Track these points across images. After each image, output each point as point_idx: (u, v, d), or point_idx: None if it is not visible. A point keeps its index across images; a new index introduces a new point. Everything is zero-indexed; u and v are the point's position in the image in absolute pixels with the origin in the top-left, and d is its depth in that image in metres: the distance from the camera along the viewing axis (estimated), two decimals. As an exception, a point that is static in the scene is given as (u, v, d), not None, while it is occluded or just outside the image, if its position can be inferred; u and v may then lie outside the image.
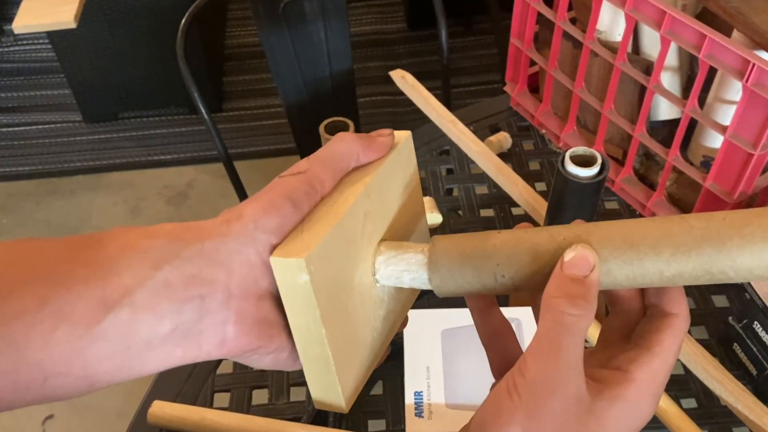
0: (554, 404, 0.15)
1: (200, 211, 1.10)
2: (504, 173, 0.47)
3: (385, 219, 0.20)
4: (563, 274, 0.16)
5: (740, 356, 0.38)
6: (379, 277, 0.19)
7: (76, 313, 0.15)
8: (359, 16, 1.41)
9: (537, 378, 0.15)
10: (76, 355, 0.15)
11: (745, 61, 0.35)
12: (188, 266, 0.16)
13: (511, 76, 0.54)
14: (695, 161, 0.44)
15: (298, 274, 0.16)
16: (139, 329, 0.16)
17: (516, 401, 0.15)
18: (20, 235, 1.08)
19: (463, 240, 0.18)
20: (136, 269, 0.16)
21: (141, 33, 1.10)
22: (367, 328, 0.19)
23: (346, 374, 0.18)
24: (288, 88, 0.70)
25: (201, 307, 0.16)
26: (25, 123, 1.25)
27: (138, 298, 0.15)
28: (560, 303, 0.16)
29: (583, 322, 0.15)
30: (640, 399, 0.16)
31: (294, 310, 0.17)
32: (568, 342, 0.15)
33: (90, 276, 0.15)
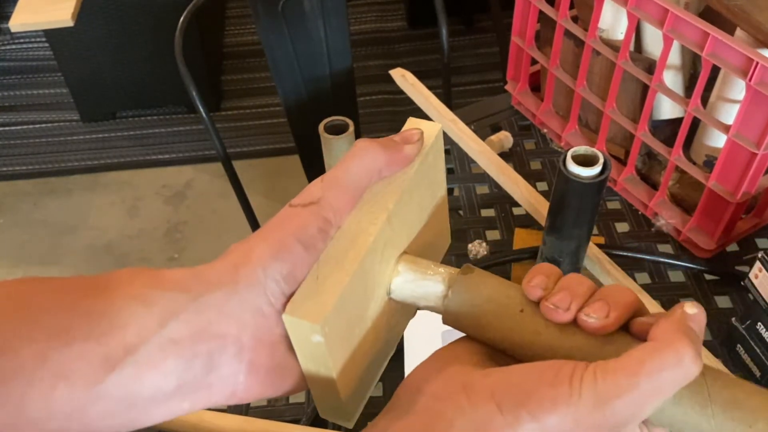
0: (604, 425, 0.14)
1: (199, 210, 1.10)
2: (505, 173, 0.47)
3: (407, 236, 0.18)
4: (685, 322, 0.15)
5: (743, 357, 0.38)
6: (395, 296, 0.18)
7: (77, 372, 0.14)
8: (359, 14, 1.40)
9: (610, 392, 0.14)
10: (77, 414, 0.14)
11: (748, 60, 0.34)
12: (196, 320, 0.15)
13: (512, 75, 0.54)
14: (698, 161, 0.44)
15: (312, 334, 0.16)
16: (142, 387, 0.15)
17: (574, 396, 0.14)
18: (17, 235, 1.07)
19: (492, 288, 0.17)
20: (140, 324, 0.15)
21: (139, 31, 1.09)
22: (373, 343, 0.18)
23: (355, 399, 0.18)
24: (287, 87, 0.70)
25: (210, 362, 0.15)
26: (21, 122, 1.24)
27: (142, 356, 0.15)
28: (686, 346, 0.14)
29: (688, 379, 0.14)
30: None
31: (307, 361, 0.17)
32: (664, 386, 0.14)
33: (92, 331, 0.15)
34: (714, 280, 0.42)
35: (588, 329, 0.16)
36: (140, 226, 1.08)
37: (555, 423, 0.15)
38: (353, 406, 0.18)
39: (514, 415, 0.15)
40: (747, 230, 0.44)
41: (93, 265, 1.03)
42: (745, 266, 0.42)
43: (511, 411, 0.15)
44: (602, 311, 0.16)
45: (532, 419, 0.15)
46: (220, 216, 1.08)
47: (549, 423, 0.15)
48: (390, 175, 0.18)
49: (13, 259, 1.04)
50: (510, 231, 0.46)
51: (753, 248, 0.44)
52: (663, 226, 0.44)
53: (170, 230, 1.07)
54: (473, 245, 0.45)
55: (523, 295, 0.17)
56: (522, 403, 0.15)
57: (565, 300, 0.16)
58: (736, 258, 0.43)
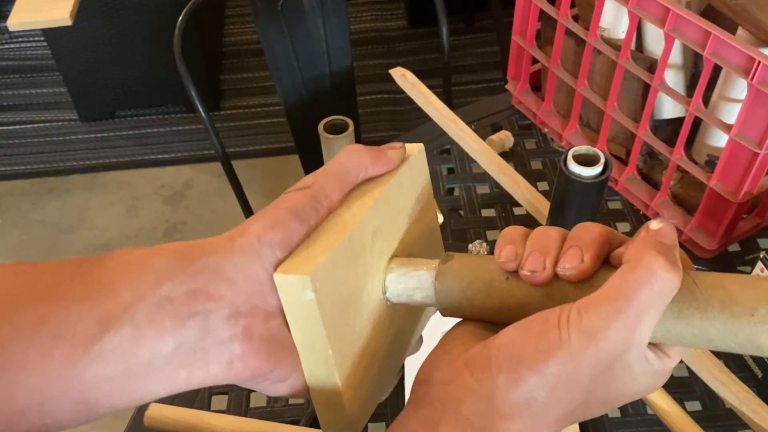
0: (603, 360, 0.14)
1: (198, 210, 1.09)
2: (506, 172, 0.47)
3: (395, 235, 0.19)
4: (652, 238, 0.15)
5: (745, 358, 0.37)
6: (390, 296, 0.19)
7: (75, 333, 0.14)
8: (359, 13, 1.40)
9: (596, 324, 0.14)
10: (74, 376, 0.14)
11: (750, 59, 0.34)
12: (192, 282, 0.16)
13: (512, 74, 0.54)
14: (700, 160, 0.44)
15: (303, 291, 0.16)
16: (139, 348, 0.15)
17: (564, 344, 0.15)
18: (15, 235, 1.07)
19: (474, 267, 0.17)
20: (137, 286, 0.15)
21: (138, 30, 1.09)
22: (376, 349, 0.18)
23: (354, 397, 0.17)
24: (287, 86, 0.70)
25: (205, 324, 0.15)
26: (20, 122, 1.24)
27: (139, 315, 0.15)
28: (655, 258, 0.14)
29: (672, 292, 0.14)
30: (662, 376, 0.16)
31: (298, 328, 0.16)
32: (647, 307, 0.14)
33: (89, 294, 0.15)
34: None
35: (570, 279, 0.16)
36: (139, 226, 1.07)
37: (555, 370, 0.15)
38: (353, 406, 0.17)
39: (514, 375, 0.15)
40: (749, 230, 0.44)
41: (92, 265, 1.02)
42: (747, 266, 0.42)
43: (511, 372, 0.15)
44: (576, 258, 0.16)
45: (532, 373, 0.15)
46: (219, 216, 1.08)
47: (549, 372, 0.15)
48: (377, 177, 0.19)
49: (12, 259, 1.04)
50: (511, 231, 0.46)
51: (755, 248, 0.44)
52: (664, 226, 0.44)
53: (169, 230, 1.07)
54: (474, 245, 0.45)
55: (502, 277, 0.17)
56: (519, 361, 0.15)
57: (538, 261, 0.16)
58: (737, 258, 0.43)
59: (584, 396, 0.15)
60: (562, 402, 0.15)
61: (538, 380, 0.15)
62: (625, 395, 0.16)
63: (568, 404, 0.15)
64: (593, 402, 0.15)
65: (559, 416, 0.15)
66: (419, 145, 0.20)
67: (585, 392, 0.15)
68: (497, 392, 0.15)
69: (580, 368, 0.15)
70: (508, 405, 0.15)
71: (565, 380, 0.15)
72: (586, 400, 0.15)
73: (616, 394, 0.16)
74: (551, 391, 0.15)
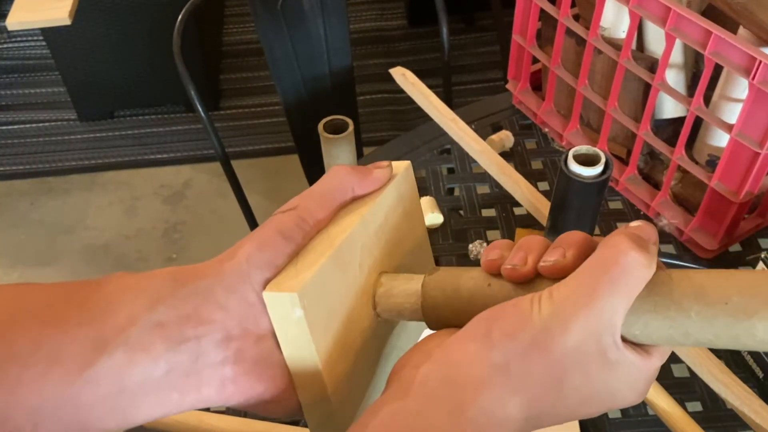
0: (573, 330, 0.14)
1: (197, 210, 1.09)
2: (506, 172, 0.47)
3: (384, 251, 0.19)
4: (628, 230, 0.15)
5: (746, 358, 0.37)
6: (380, 311, 0.19)
7: (70, 355, 0.15)
8: (359, 12, 1.40)
9: (564, 301, 0.15)
10: (68, 399, 0.15)
11: (751, 59, 0.34)
12: (183, 306, 0.16)
13: (513, 74, 0.53)
14: (701, 160, 0.44)
15: (292, 309, 0.16)
16: (132, 371, 0.15)
17: (535, 314, 0.15)
18: (14, 235, 1.07)
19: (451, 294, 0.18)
20: (130, 309, 0.16)
21: (137, 30, 1.09)
22: (367, 366, 0.18)
23: (345, 413, 0.17)
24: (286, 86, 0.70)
25: (197, 348, 0.16)
26: (19, 121, 1.23)
27: (132, 338, 0.15)
28: (623, 241, 0.15)
29: (639, 270, 0.15)
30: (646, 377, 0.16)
31: (289, 346, 0.16)
32: (614, 279, 0.14)
33: (85, 317, 0.15)
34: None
35: (549, 273, 0.16)
36: (138, 226, 1.07)
37: (527, 337, 0.15)
38: (346, 424, 0.17)
39: (487, 339, 0.15)
40: (750, 230, 0.44)
41: (91, 266, 1.02)
42: (748, 266, 0.42)
43: (485, 337, 0.15)
44: (558, 253, 0.16)
45: (505, 337, 0.15)
46: (218, 216, 1.08)
47: (522, 338, 0.15)
48: (365, 196, 0.19)
49: (10, 260, 1.04)
50: (511, 231, 0.46)
51: (756, 248, 0.44)
52: (665, 226, 0.44)
53: (168, 230, 1.06)
54: (474, 245, 0.45)
55: (487, 273, 0.18)
56: (492, 328, 0.15)
57: (521, 257, 0.17)
58: (739, 258, 0.43)
59: (558, 381, 0.15)
60: (533, 379, 0.15)
61: (511, 345, 0.15)
62: (608, 393, 0.15)
63: (540, 385, 0.15)
64: (571, 394, 0.15)
65: (530, 398, 0.15)
66: (406, 163, 0.20)
67: (560, 375, 0.15)
68: (469, 357, 0.15)
69: (553, 340, 0.15)
70: (479, 368, 0.15)
71: (539, 352, 0.15)
72: (561, 388, 0.15)
73: (597, 388, 0.15)
74: (524, 359, 0.15)
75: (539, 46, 0.50)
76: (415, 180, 0.21)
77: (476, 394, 0.15)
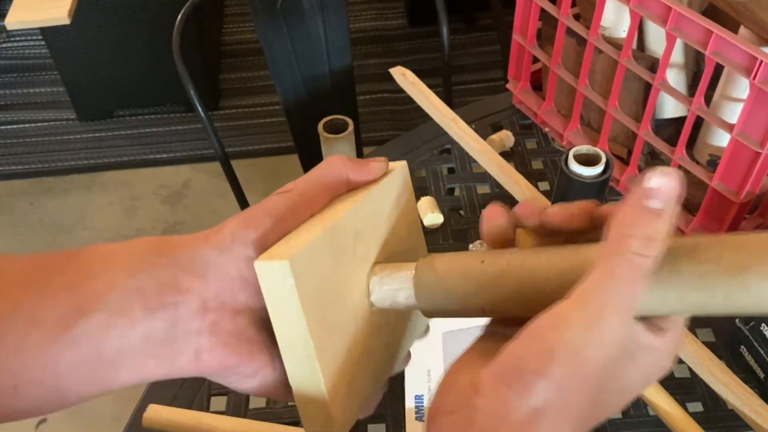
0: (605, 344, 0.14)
1: (197, 210, 1.09)
2: (506, 172, 0.47)
3: (378, 242, 0.19)
4: (641, 205, 0.15)
5: (747, 359, 0.37)
6: (374, 299, 0.18)
7: (50, 318, 0.15)
8: (359, 12, 1.39)
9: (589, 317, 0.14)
10: (48, 361, 0.15)
11: (752, 58, 0.34)
12: (163, 274, 0.16)
13: (513, 74, 0.53)
14: (701, 160, 0.44)
15: (283, 277, 0.16)
16: (110, 334, 0.15)
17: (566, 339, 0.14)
18: (14, 235, 1.07)
19: (446, 273, 0.18)
20: (110, 275, 0.16)
21: (136, 29, 1.08)
22: (361, 357, 0.18)
23: (336, 397, 0.17)
24: (286, 85, 0.69)
25: (174, 315, 0.16)
26: (18, 121, 1.23)
27: (111, 303, 0.15)
28: (633, 243, 0.14)
29: (653, 264, 0.14)
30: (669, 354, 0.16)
31: (279, 319, 0.16)
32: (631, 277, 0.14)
33: (65, 282, 0.15)
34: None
35: (556, 221, 0.16)
36: (138, 226, 1.07)
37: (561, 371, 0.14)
38: (337, 407, 0.17)
39: (521, 383, 0.15)
40: (751, 230, 0.44)
41: (90, 265, 1.02)
42: (749, 266, 0.42)
43: (518, 381, 0.15)
44: (563, 205, 0.16)
45: (538, 377, 0.14)
46: (218, 216, 1.08)
47: (555, 373, 0.14)
48: (360, 189, 0.19)
49: (10, 259, 1.03)
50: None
51: (756, 248, 0.44)
52: (665, 226, 0.44)
53: (168, 230, 1.06)
54: (474, 246, 0.45)
55: (479, 252, 0.18)
56: (523, 369, 0.15)
57: (532, 205, 0.17)
58: (739, 258, 0.43)
59: (596, 392, 0.15)
60: (575, 403, 0.15)
61: (546, 384, 0.14)
62: (637, 381, 0.15)
63: (582, 404, 0.15)
64: (607, 398, 0.15)
65: (577, 420, 0.15)
66: (402, 162, 0.21)
67: (596, 388, 0.15)
68: (506, 406, 0.15)
69: (583, 363, 0.14)
70: (520, 417, 0.14)
71: (575, 380, 0.14)
72: (599, 397, 0.15)
73: (630, 382, 0.15)
74: (562, 393, 0.14)
75: (539, 45, 0.50)
76: (410, 179, 0.21)
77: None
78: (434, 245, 0.46)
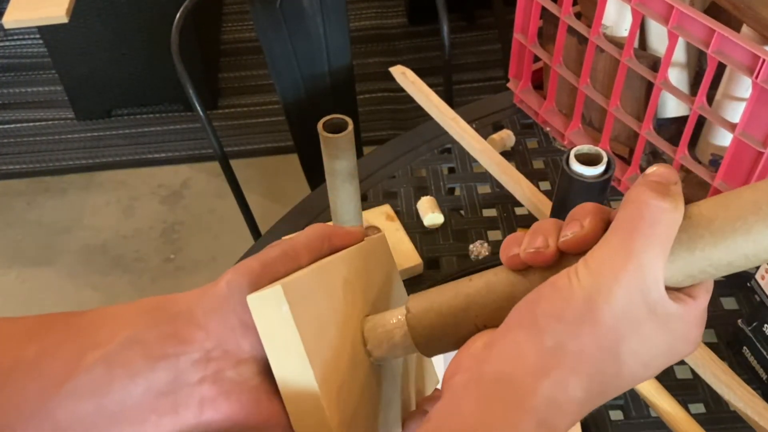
0: (617, 294, 0.14)
1: (196, 210, 1.09)
2: (507, 172, 0.46)
3: (366, 296, 0.19)
4: (645, 180, 0.15)
5: (750, 360, 0.37)
6: (371, 348, 0.19)
7: (50, 369, 0.15)
8: (359, 10, 1.39)
9: (601, 267, 0.14)
10: (47, 415, 0.15)
11: (754, 57, 0.34)
12: (164, 327, 0.16)
13: (514, 73, 0.53)
14: (704, 160, 0.44)
15: (277, 304, 0.16)
16: (111, 387, 0.15)
17: (576, 287, 0.14)
18: (11, 235, 1.06)
19: (436, 297, 0.18)
20: (111, 328, 0.16)
21: (135, 28, 1.08)
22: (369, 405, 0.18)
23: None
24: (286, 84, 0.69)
25: (176, 366, 0.16)
26: (15, 120, 1.22)
27: (112, 354, 0.15)
28: (643, 192, 0.14)
29: (666, 217, 0.14)
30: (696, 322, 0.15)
31: (276, 352, 0.16)
32: (645, 233, 0.14)
33: (65, 335, 0.16)
34: (719, 281, 0.42)
35: (571, 247, 0.16)
36: (136, 226, 1.07)
37: (573, 313, 0.14)
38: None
39: (533, 325, 0.15)
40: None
41: (88, 266, 1.01)
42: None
43: (532, 326, 0.15)
44: (575, 226, 0.16)
45: (552, 320, 0.14)
46: (217, 216, 1.07)
47: (569, 316, 0.14)
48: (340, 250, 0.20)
49: (7, 260, 1.03)
50: (512, 231, 0.46)
51: (758, 248, 0.43)
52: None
53: (166, 230, 1.06)
54: (475, 246, 0.44)
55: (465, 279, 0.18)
56: (534, 311, 0.15)
57: (542, 241, 0.16)
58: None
59: (614, 348, 0.14)
60: (591, 354, 0.14)
61: (560, 327, 0.14)
62: (661, 350, 0.15)
63: (597, 357, 0.14)
64: (631, 360, 0.15)
65: (592, 375, 0.14)
66: (381, 233, 0.22)
67: (615, 344, 0.14)
68: (519, 346, 0.14)
69: (600, 310, 0.14)
70: (532, 357, 0.14)
71: (589, 326, 0.14)
72: (618, 356, 0.14)
73: (655, 348, 0.15)
74: (576, 337, 0.14)
75: (541, 44, 0.49)
76: (389, 247, 0.22)
77: (534, 384, 0.14)
78: (434, 245, 0.45)
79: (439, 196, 0.48)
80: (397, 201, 0.48)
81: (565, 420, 0.14)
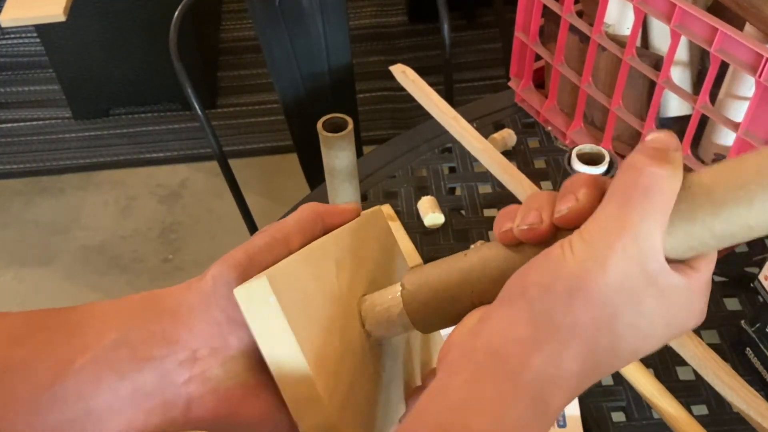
0: (612, 264, 0.13)
1: (194, 210, 1.08)
2: (508, 172, 0.46)
3: (362, 276, 0.19)
4: (643, 146, 0.14)
5: (753, 361, 0.37)
6: (369, 327, 0.18)
7: (38, 372, 0.15)
8: (358, 9, 1.39)
9: (596, 237, 0.14)
10: (36, 420, 0.15)
11: (757, 56, 0.34)
12: (150, 326, 0.16)
13: (515, 71, 0.53)
14: (707, 159, 0.43)
15: (264, 295, 0.15)
16: (99, 389, 0.15)
17: (569, 257, 0.14)
18: (8, 235, 1.06)
19: (431, 272, 0.17)
20: (98, 330, 0.16)
21: (133, 26, 1.07)
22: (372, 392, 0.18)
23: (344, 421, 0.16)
24: (285, 83, 0.69)
25: (162, 367, 0.16)
26: (12, 119, 1.22)
27: (100, 356, 0.15)
28: (640, 159, 0.14)
29: (664, 185, 0.14)
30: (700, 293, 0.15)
31: (267, 343, 0.16)
32: (641, 202, 0.13)
33: (53, 338, 0.15)
34: (723, 281, 0.42)
35: (567, 222, 0.15)
36: (134, 226, 1.06)
37: (565, 284, 0.14)
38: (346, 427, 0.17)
39: (524, 296, 0.14)
40: (754, 230, 0.44)
41: (86, 266, 1.01)
42: (755, 267, 0.41)
43: (520, 296, 0.14)
44: (570, 199, 0.15)
45: (540, 289, 0.14)
46: (216, 216, 1.07)
47: (559, 286, 0.14)
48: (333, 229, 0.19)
49: (4, 260, 1.02)
50: (513, 231, 0.45)
51: (762, 249, 0.43)
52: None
53: (165, 230, 1.05)
54: (475, 246, 0.44)
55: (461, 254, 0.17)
56: (525, 283, 0.14)
57: (535, 215, 0.16)
58: (745, 259, 0.42)
59: (611, 322, 0.14)
60: (585, 326, 0.14)
61: (550, 296, 0.14)
62: (661, 322, 0.14)
63: (593, 327, 0.14)
64: (628, 333, 0.14)
65: (588, 347, 0.14)
66: (376, 207, 0.21)
67: (611, 316, 0.14)
68: (510, 321, 0.14)
69: (594, 280, 0.14)
70: (523, 330, 0.14)
71: (582, 297, 0.13)
72: (617, 330, 0.14)
73: (654, 321, 0.14)
74: (568, 308, 0.14)
75: (542, 43, 0.49)
76: (387, 220, 0.21)
77: (527, 357, 0.14)
78: (435, 245, 0.45)
79: (440, 196, 0.48)
80: (397, 201, 0.48)
81: (561, 395, 0.14)
